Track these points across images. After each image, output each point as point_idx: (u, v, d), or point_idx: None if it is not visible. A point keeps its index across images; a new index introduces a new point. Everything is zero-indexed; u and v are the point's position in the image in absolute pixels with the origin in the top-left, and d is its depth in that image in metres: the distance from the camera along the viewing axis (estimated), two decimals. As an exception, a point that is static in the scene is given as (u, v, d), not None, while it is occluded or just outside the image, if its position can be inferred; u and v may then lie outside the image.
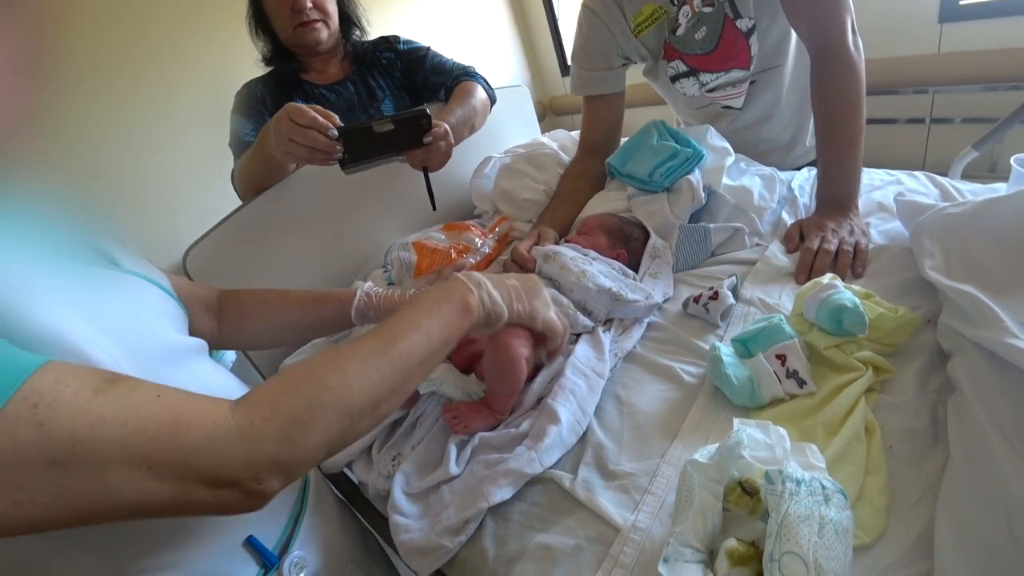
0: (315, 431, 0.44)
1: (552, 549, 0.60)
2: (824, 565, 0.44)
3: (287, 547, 0.60)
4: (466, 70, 1.37)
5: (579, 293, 0.86)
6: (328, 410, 0.45)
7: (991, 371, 0.56)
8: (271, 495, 0.43)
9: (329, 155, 0.90)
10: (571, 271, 0.87)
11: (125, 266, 0.56)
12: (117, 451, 0.36)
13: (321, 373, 0.47)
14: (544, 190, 1.26)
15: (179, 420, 0.39)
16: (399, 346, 0.52)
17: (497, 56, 3.22)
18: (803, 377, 0.66)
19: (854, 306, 0.65)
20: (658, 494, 0.61)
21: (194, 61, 1.97)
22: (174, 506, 0.39)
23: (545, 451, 0.67)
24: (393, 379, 0.50)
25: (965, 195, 0.93)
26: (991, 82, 1.87)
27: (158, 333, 0.54)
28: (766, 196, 1.02)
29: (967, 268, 0.70)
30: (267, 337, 0.82)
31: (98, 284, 0.51)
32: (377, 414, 0.50)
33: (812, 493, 0.48)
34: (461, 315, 0.59)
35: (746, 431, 0.53)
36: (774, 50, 1.11)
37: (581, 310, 0.85)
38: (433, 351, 0.55)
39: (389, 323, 0.54)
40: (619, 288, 0.84)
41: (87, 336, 0.43)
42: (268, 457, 0.42)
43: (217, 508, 0.41)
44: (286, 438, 0.43)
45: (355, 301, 0.79)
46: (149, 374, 0.47)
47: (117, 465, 0.36)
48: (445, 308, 0.58)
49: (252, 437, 0.41)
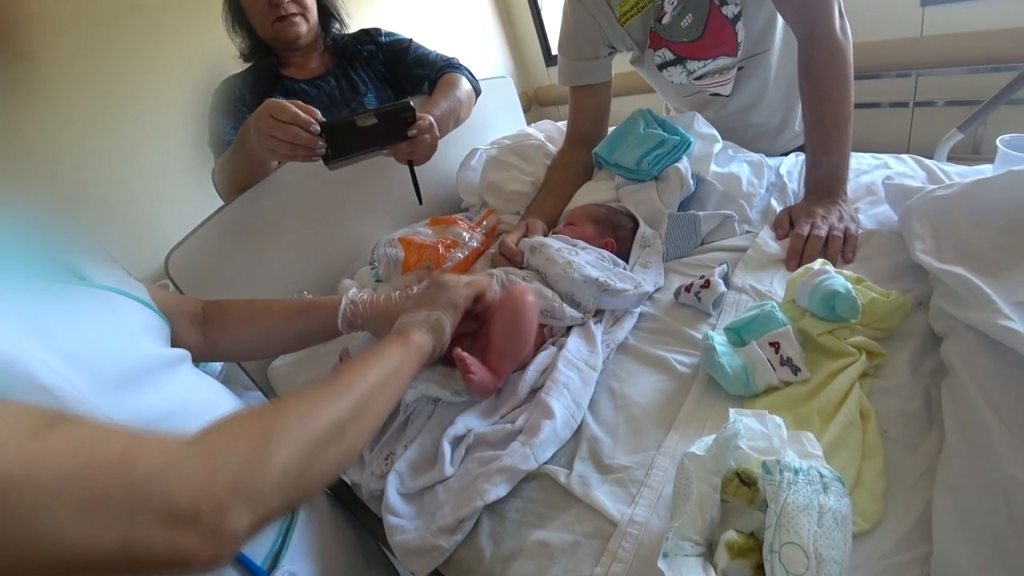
0: (279, 450, 0.42)
1: (550, 546, 0.59)
2: (825, 554, 0.44)
3: (277, 562, 0.58)
4: (450, 61, 1.35)
5: (565, 284, 0.85)
6: (289, 431, 0.44)
7: (984, 353, 0.56)
8: (236, 537, 0.38)
9: (312, 151, 0.88)
10: (556, 263, 0.86)
11: (93, 280, 0.54)
12: (54, 493, 0.32)
13: (280, 402, 0.48)
14: (532, 182, 1.25)
15: (129, 452, 0.36)
16: (351, 376, 0.54)
17: (480, 47, 3.18)
18: (797, 364, 0.66)
19: (847, 291, 0.65)
20: (655, 487, 0.60)
21: (171, 59, 1.92)
22: (122, 557, 0.34)
23: (540, 446, 0.66)
24: (352, 404, 0.51)
25: (952, 177, 0.93)
26: (973, 64, 1.88)
27: (126, 349, 0.51)
28: (755, 183, 1.02)
29: (957, 250, 0.69)
30: (253, 348, 0.82)
31: (58, 302, 0.49)
32: (343, 443, 0.49)
33: (810, 482, 0.47)
34: (404, 345, 0.63)
35: (743, 421, 0.53)
36: (761, 35, 1.11)
37: (569, 302, 0.84)
38: (384, 377, 0.56)
39: (340, 368, 0.58)
40: (607, 278, 0.84)
41: (39, 358, 0.41)
42: (230, 479, 0.38)
43: (172, 556, 0.35)
44: (249, 458, 0.40)
45: (341, 309, 0.78)
46: (110, 397, 0.46)
47: (55, 508, 0.32)
48: (388, 342, 0.63)
49: (211, 459, 0.39)
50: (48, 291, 0.48)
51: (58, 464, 0.33)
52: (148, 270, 1.90)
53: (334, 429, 0.47)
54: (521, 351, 0.76)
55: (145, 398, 0.50)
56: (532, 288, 0.78)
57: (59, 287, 0.50)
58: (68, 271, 0.53)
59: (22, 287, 0.46)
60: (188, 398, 0.55)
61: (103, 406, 0.45)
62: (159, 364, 0.54)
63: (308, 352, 1.07)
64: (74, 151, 1.71)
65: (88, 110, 1.72)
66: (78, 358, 0.44)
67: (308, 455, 0.44)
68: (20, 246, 0.49)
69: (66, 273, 0.52)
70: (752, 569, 0.46)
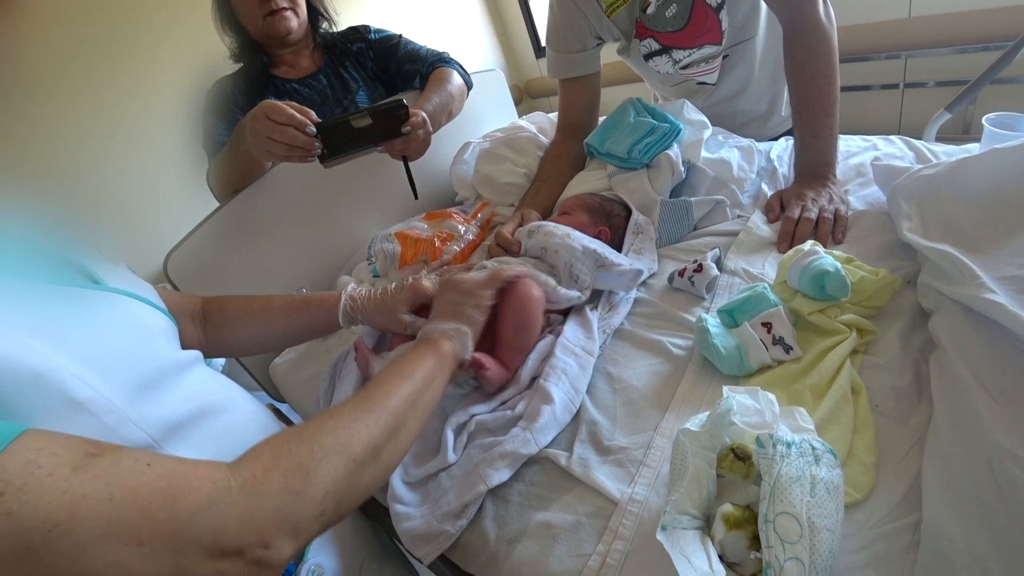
0: (320, 477, 0.42)
1: (552, 526, 0.61)
2: (817, 523, 0.45)
3: (302, 555, 0.59)
4: (440, 56, 1.36)
5: (565, 253, 0.86)
6: (330, 455, 0.44)
7: (969, 326, 0.58)
8: (280, 564, 0.39)
9: (308, 152, 0.89)
10: (556, 234, 0.88)
11: (107, 283, 0.53)
12: (101, 529, 0.32)
13: (317, 423, 0.47)
14: (525, 173, 1.26)
15: (173, 486, 0.36)
16: (384, 391, 0.54)
17: (470, 41, 3.18)
18: (789, 343, 0.67)
19: (836, 270, 0.67)
20: (653, 466, 0.62)
21: (167, 60, 1.92)
22: None
23: (540, 431, 0.67)
24: (387, 422, 0.51)
25: (940, 157, 0.94)
26: (962, 44, 1.89)
27: (144, 353, 0.51)
28: (745, 167, 1.03)
29: (943, 228, 0.71)
30: (253, 343, 0.82)
31: (74, 308, 0.48)
32: (380, 463, 0.49)
33: (802, 454, 0.49)
34: (437, 356, 0.63)
35: (735, 398, 0.54)
36: (744, 23, 1.12)
37: (566, 278, 0.86)
38: (417, 392, 0.56)
39: (372, 380, 0.57)
40: (603, 250, 0.86)
41: (68, 371, 0.41)
42: (274, 512, 0.39)
43: None
44: (291, 489, 0.40)
45: (341, 304, 0.79)
46: (137, 403, 0.46)
47: (102, 545, 0.32)
48: (420, 352, 0.62)
49: (255, 491, 0.39)
50: (63, 297, 0.48)
51: (106, 498, 0.33)
52: (146, 272, 1.91)
53: (372, 450, 0.48)
54: (529, 344, 0.78)
55: (168, 402, 0.50)
56: (529, 274, 0.79)
57: (73, 292, 0.50)
58: (80, 274, 0.53)
59: (36, 293, 0.46)
60: (208, 399, 0.55)
61: (132, 414, 0.45)
62: (176, 367, 0.54)
63: (308, 349, 1.08)
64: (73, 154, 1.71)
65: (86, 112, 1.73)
66: (101, 366, 0.45)
67: (347, 480, 0.45)
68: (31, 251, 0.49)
69: (78, 276, 0.52)
70: (748, 540, 0.48)
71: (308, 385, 1.02)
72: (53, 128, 1.61)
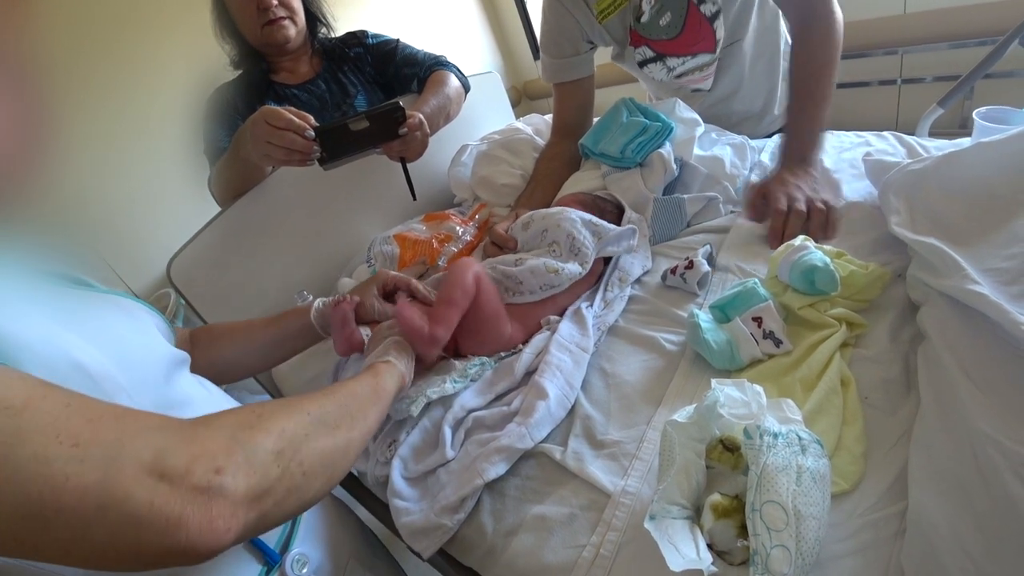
0: (274, 419, 0.44)
1: (548, 519, 0.62)
2: (803, 511, 0.46)
3: (288, 545, 0.60)
4: (438, 59, 1.38)
5: (567, 225, 0.89)
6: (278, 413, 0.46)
7: (955, 317, 0.59)
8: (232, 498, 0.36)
9: (307, 156, 0.91)
10: (551, 214, 0.91)
11: (100, 287, 0.57)
12: (45, 423, 0.32)
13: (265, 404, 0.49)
14: (521, 175, 1.28)
15: (129, 414, 0.36)
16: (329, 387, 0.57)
17: (467, 43, 3.19)
18: (779, 337, 0.68)
19: (825, 265, 0.67)
20: (646, 459, 0.63)
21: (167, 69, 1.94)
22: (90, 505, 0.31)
23: (535, 426, 0.69)
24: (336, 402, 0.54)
25: (931, 151, 0.95)
26: (957, 39, 1.89)
27: (147, 345, 0.55)
28: (738, 164, 1.04)
29: (931, 221, 0.72)
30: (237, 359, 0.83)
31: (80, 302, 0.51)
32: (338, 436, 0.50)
33: (789, 444, 0.50)
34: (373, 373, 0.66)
35: (723, 390, 0.55)
36: (735, 26, 1.12)
37: (567, 251, 0.88)
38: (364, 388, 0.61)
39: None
40: (597, 220, 0.89)
41: (75, 344, 0.43)
42: (227, 438, 0.38)
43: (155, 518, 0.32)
44: (244, 424, 0.41)
45: (312, 314, 0.82)
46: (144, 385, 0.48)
47: (38, 436, 0.31)
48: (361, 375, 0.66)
49: (205, 423, 0.39)
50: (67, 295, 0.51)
51: (59, 404, 0.33)
52: (148, 279, 1.93)
53: (322, 417, 0.50)
54: (458, 297, 0.77)
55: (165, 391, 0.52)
56: (526, 267, 0.81)
57: (75, 291, 0.52)
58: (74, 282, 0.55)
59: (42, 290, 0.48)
60: (193, 393, 0.58)
61: (136, 395, 0.47)
62: (173, 362, 0.56)
63: (310, 349, 1.09)
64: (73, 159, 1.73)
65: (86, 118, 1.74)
66: (110, 350, 0.47)
67: (302, 430, 0.46)
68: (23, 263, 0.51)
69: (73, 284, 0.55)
70: (736, 528, 0.49)
71: (310, 386, 1.03)
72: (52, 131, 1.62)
